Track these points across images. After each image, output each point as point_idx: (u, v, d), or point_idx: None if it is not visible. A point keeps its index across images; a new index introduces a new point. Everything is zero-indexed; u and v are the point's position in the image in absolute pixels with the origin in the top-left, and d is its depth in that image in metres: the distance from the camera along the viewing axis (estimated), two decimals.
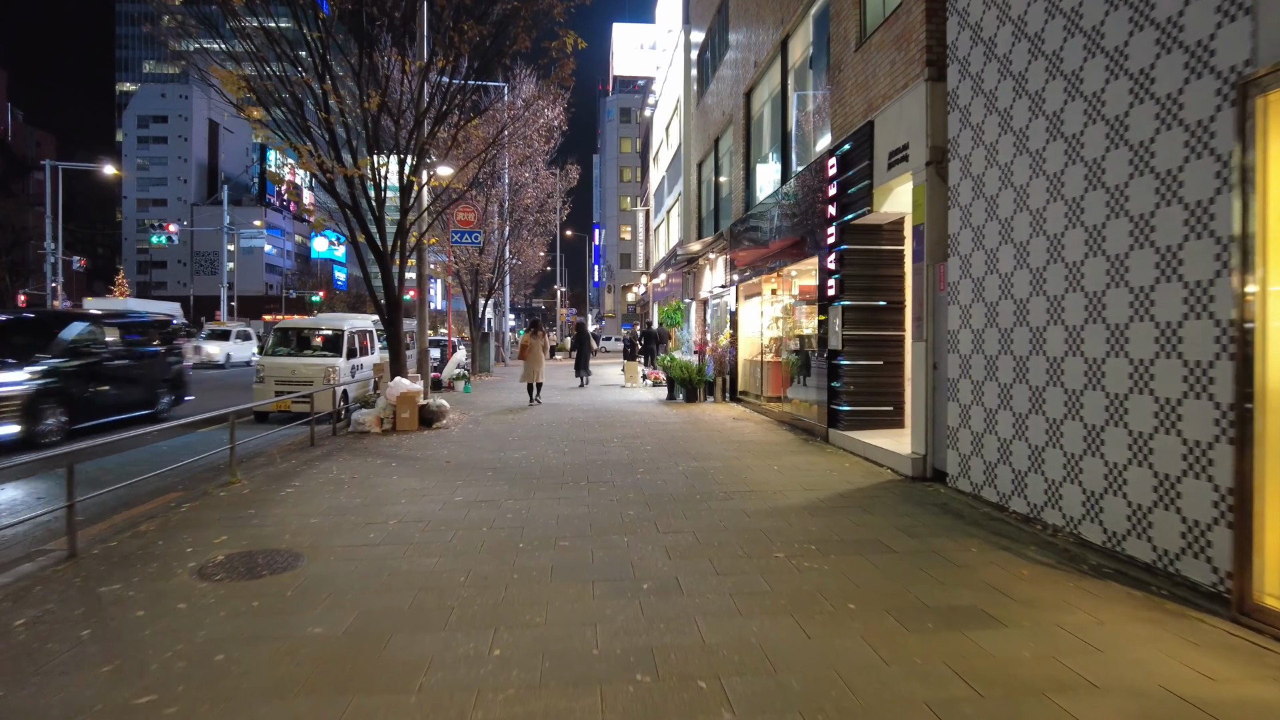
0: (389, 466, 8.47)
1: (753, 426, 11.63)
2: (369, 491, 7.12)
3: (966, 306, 6.73)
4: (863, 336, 9.48)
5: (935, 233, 7.43)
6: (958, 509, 6.26)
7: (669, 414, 13.42)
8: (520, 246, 26.52)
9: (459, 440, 10.46)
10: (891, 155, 8.24)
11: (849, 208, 9.35)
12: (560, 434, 10.93)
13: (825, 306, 9.98)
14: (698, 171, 21.47)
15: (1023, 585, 4.38)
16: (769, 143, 14.08)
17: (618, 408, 14.63)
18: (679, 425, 11.80)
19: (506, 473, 7.96)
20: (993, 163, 6.31)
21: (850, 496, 6.72)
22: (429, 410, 11.99)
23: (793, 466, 8.18)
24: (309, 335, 15.27)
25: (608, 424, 12.07)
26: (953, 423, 6.96)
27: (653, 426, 11.66)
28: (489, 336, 25.31)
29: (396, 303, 12.78)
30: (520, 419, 12.89)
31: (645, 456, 8.86)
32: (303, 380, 13.75)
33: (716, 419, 12.63)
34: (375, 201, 12.45)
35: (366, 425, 11.63)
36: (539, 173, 24.72)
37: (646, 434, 10.80)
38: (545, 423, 12.32)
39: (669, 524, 5.75)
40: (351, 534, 5.61)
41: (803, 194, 11.11)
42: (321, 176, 11.98)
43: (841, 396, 9.54)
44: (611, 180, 78.62)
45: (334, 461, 8.85)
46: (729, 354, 15.44)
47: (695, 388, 15.36)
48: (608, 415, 13.33)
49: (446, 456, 9.09)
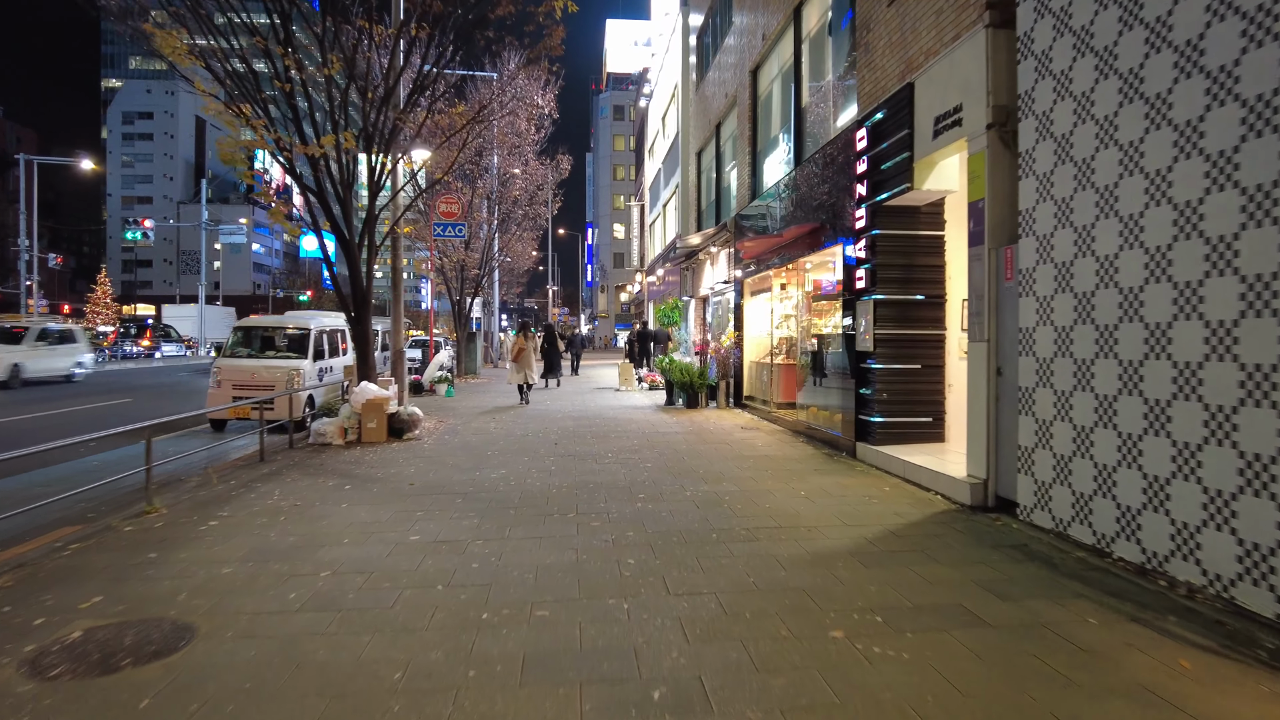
0: (341, 490, 7.11)
1: (764, 438, 10.31)
2: (308, 525, 5.78)
3: (1046, 299, 5.43)
4: (897, 336, 8.18)
5: (999, 210, 6.13)
6: (1044, 553, 4.95)
7: (669, 422, 12.09)
8: (508, 241, 25.14)
9: (430, 455, 9.11)
10: (938, 121, 6.94)
11: (882, 186, 8.05)
12: (547, 447, 9.60)
13: (851, 302, 8.68)
14: (697, 161, 20.16)
15: (1192, 688, 3.07)
16: (778, 123, 12.78)
17: (612, 415, 13.29)
18: (681, 436, 10.47)
19: (479, 499, 6.62)
20: (1086, 116, 5.01)
21: (904, 535, 5.41)
22: (399, 419, 10.63)
23: (822, 491, 6.86)
24: (272, 335, 13.89)
25: (601, 434, 10.74)
26: (1025, 441, 5.66)
27: (652, 438, 10.33)
28: (475, 336, 23.94)
29: (364, 298, 11.42)
30: (503, 427, 11.55)
31: (645, 477, 7.53)
32: (263, 384, 12.38)
33: (722, 428, 11.31)
34: (341, 184, 11.09)
35: (328, 436, 10.27)
36: (528, 162, 23.35)
37: (645, 447, 9.47)
38: (530, 433, 10.98)
39: (682, 580, 4.42)
40: (267, 593, 4.26)
41: (822, 175, 9.81)
42: (278, 155, 10.61)
43: (873, 406, 8.23)
44: (605, 178, 77.40)
45: (280, 483, 7.50)
46: (733, 356, 14.13)
47: (696, 392, 14.05)
48: (601, 424, 12.00)
49: (412, 476, 7.74)
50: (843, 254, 9.00)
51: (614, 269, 74.58)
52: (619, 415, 13.18)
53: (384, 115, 11.30)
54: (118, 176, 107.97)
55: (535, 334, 16.05)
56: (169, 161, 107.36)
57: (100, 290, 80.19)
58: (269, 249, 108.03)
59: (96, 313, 76.44)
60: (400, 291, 13.84)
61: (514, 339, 16.05)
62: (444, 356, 18.10)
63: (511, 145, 22.94)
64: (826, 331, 10.16)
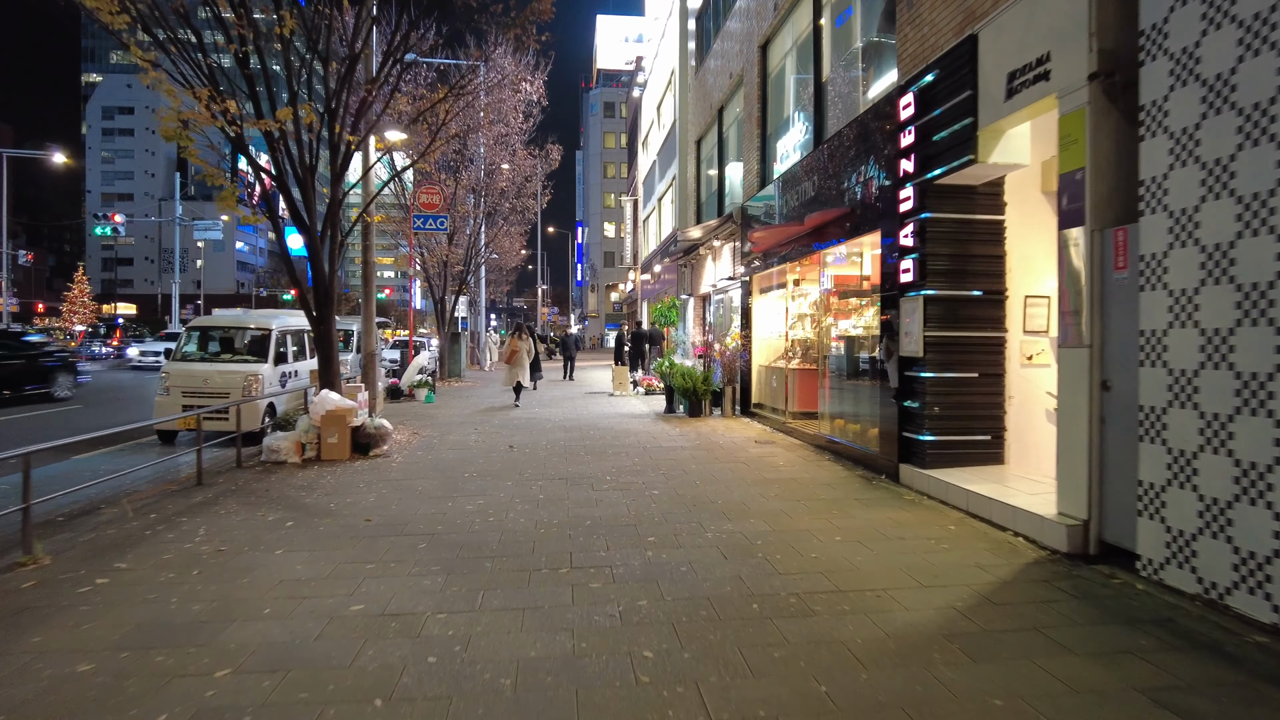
0: (282, 529, 5.76)
1: (784, 455, 9.01)
2: (226, 585, 4.44)
3: (1186, 293, 4.16)
4: (950, 339, 6.90)
5: (1105, 182, 4.85)
6: (1206, 636, 3.67)
7: (672, 434, 10.78)
8: (495, 235, 23.73)
9: (398, 477, 7.76)
10: (1013, 78, 5.67)
11: (934, 161, 6.77)
12: (534, 466, 8.27)
13: (893, 298, 7.40)
14: (696, 150, 18.87)
15: None
16: (793, 101, 11.49)
17: (608, 425, 11.96)
18: (688, 452, 9.16)
19: (448, 544, 5.28)
20: (1259, 43, 3.74)
21: (1003, 602, 4.11)
22: (364, 433, 9.27)
23: (874, 531, 5.56)
24: (230, 336, 12.48)
25: (597, 450, 9.41)
26: (1151, 476, 4.38)
27: (655, 454, 9.02)
28: (460, 337, 22.55)
29: (327, 294, 10.04)
30: (485, 440, 10.20)
31: (654, 509, 6.21)
32: (216, 391, 11.01)
33: (733, 442, 10.01)
34: (300, 165, 9.72)
35: (282, 454, 8.90)
36: (515, 152, 21.97)
37: (649, 467, 8.16)
38: (516, 447, 9.64)
39: (726, 692, 3.10)
40: (126, 711, 2.92)
41: (852, 153, 8.53)
42: (228, 129, 9.23)
43: (921, 421, 6.95)
44: (595, 176, 76.10)
45: (210, 516, 6.14)
46: (739, 359, 12.84)
47: (700, 399, 12.75)
48: (596, 436, 10.67)
49: (371, 508, 6.39)
50: (880, 243, 7.71)
51: (604, 268, 73.32)
52: (615, 425, 11.85)
53: (349, 86, 9.95)
54: (97, 173, 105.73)
55: (527, 336, 15.89)
56: (150, 158, 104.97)
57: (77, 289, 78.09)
58: (253, 247, 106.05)
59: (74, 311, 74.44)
60: (372, 288, 12.49)
61: (509, 340, 15.89)
62: (424, 359, 16.72)
63: (498, 134, 21.56)
64: (856, 333, 8.89)
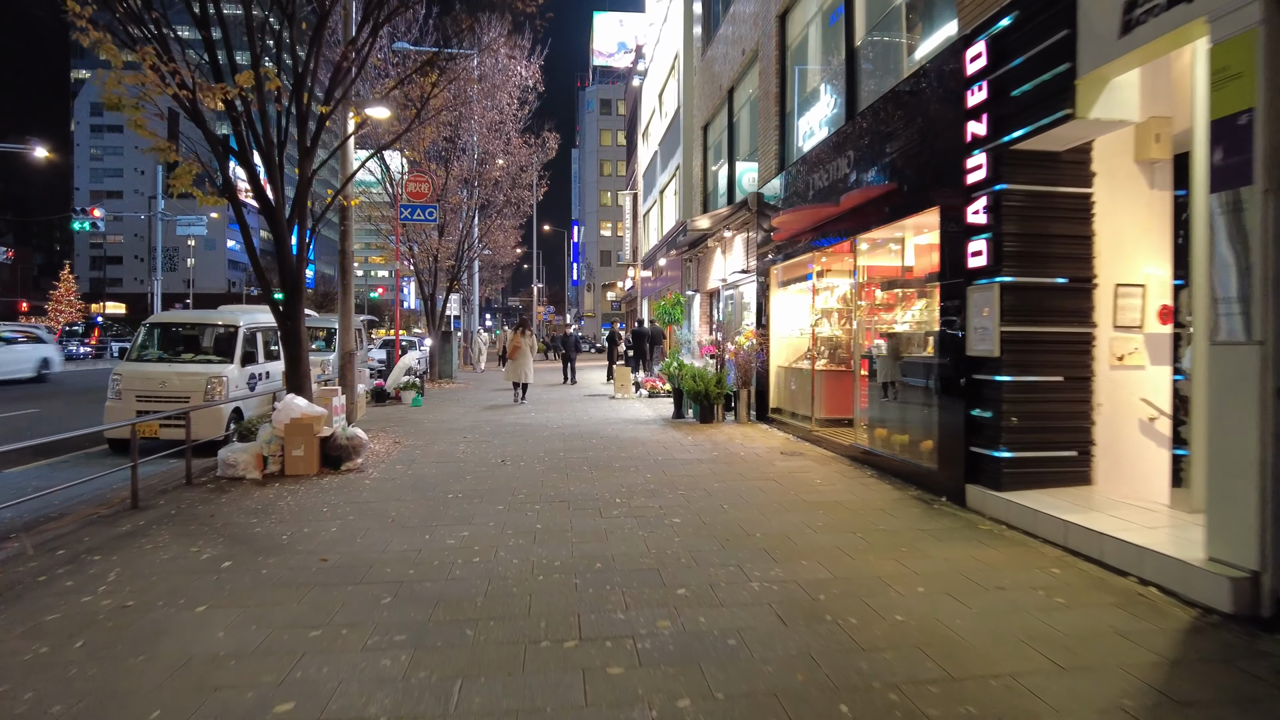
0: (214, 572, 4.58)
1: (818, 469, 7.85)
2: (110, 666, 3.27)
3: None
4: (1030, 336, 5.75)
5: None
6: None
7: (685, 444, 9.60)
8: (488, 227, 22.49)
9: (370, 499, 6.57)
10: (1134, 5, 4.51)
11: (1014, 120, 5.61)
12: (530, 484, 7.09)
13: (958, 287, 6.25)
14: (702, 136, 17.70)
15: None
16: (820, 72, 10.34)
17: (612, 432, 10.78)
18: (708, 466, 7.99)
19: (420, 597, 4.10)
20: None
21: (1186, 700, 2.95)
22: (335, 444, 8.07)
23: (962, 578, 4.39)
24: (193, 334, 11.28)
25: (602, 463, 8.23)
26: None
27: (669, 469, 7.84)
28: (452, 336, 21.33)
29: (295, 286, 8.85)
30: (474, 452, 9.01)
31: (678, 547, 5.03)
32: (175, 395, 9.83)
33: (756, 454, 8.84)
34: (265, 138, 8.52)
35: (240, 468, 7.70)
36: (510, 140, 20.77)
37: (665, 486, 6.98)
38: (509, 460, 8.46)
39: None
40: None
41: (897, 123, 7.37)
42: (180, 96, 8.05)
43: (995, 434, 5.80)
44: (591, 175, 74.96)
45: (130, 553, 4.97)
46: (756, 360, 11.67)
47: (713, 404, 11.57)
48: (600, 446, 9.49)
49: (330, 543, 5.20)
50: (940, 222, 6.55)
51: (601, 267, 72.25)
52: (620, 433, 10.67)
53: (318, 49, 8.76)
54: (85, 170, 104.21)
55: (529, 333, 15.75)
56: (140, 155, 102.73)
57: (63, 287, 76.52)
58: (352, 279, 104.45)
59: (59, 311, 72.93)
60: (349, 280, 11.29)
61: (511, 337, 16.12)
62: (410, 359, 15.51)
63: (491, 121, 20.36)
64: (902, 329, 7.74)
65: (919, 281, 7.73)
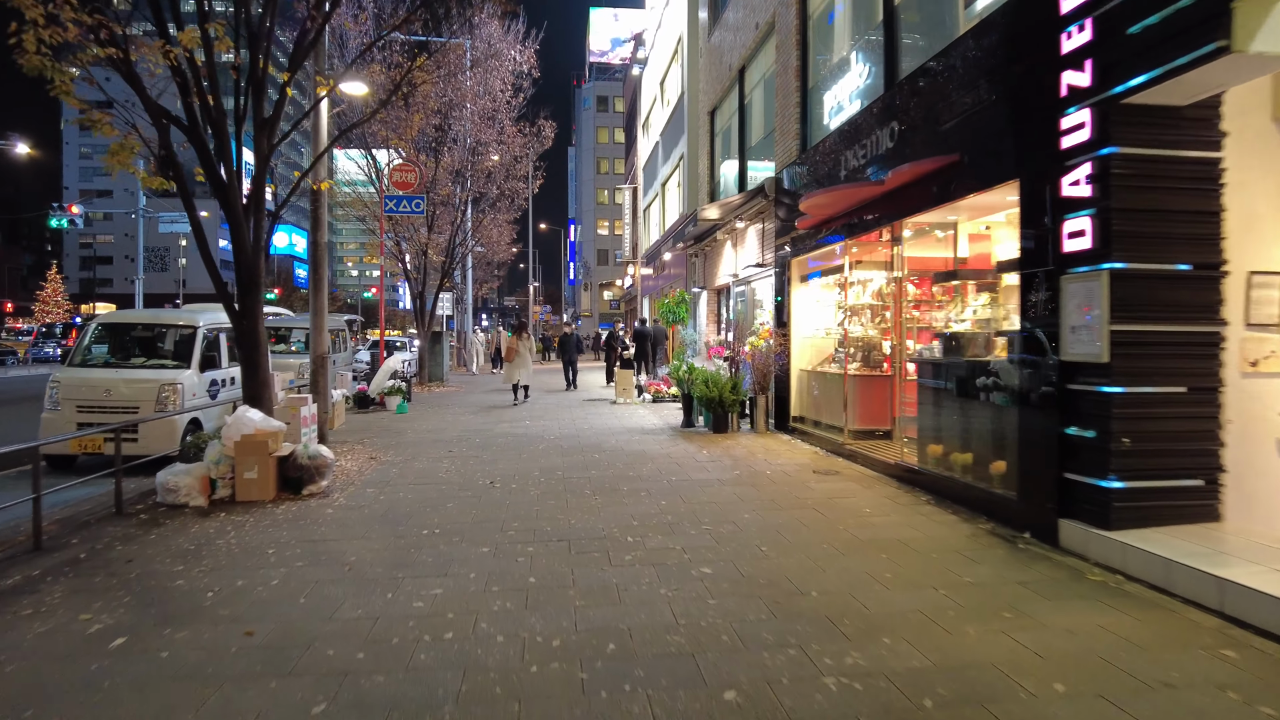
0: (94, 658, 3.41)
1: (862, 493, 6.69)
2: None
3: None
4: (1146, 337, 4.61)
5: None
6: None
7: (701, 459, 8.44)
8: (481, 220, 21.24)
9: (327, 535, 5.40)
10: None
11: (1130, 65, 4.44)
12: (522, 515, 5.92)
13: (1046, 277, 5.09)
14: (709, 122, 16.54)
15: None
16: (850, 40, 9.18)
17: (616, 444, 9.61)
18: (733, 489, 6.83)
19: (365, 700, 2.94)
20: None
21: None
22: (295, 465, 6.89)
23: (1114, 672, 3.22)
24: (146, 336, 10.10)
25: (607, 485, 7.06)
26: None
27: (689, 494, 6.67)
28: (442, 336, 20.12)
29: (251, 278, 7.67)
30: (459, 470, 7.83)
31: (715, 615, 3.86)
32: (122, 405, 8.65)
33: (784, 473, 7.68)
34: (215, 107, 7.34)
35: (182, 494, 6.52)
36: (503, 129, 19.57)
37: (686, 517, 5.81)
38: (499, 480, 7.29)
39: None
40: None
41: (956, 83, 6.22)
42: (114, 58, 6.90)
43: (1101, 458, 4.64)
44: (588, 173, 73.84)
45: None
46: (775, 362, 10.51)
47: (727, 411, 10.41)
48: (604, 462, 8.32)
49: (264, 603, 4.03)
50: (1022, 198, 5.39)
51: (598, 266, 71.18)
52: (625, 445, 9.50)
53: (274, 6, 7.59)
54: (75, 169, 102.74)
55: (528, 335, 15.79)
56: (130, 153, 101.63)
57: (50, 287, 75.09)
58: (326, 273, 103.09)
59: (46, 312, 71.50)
60: (322, 274, 10.11)
61: (509, 339, 16.15)
62: (395, 361, 14.32)
63: (484, 109, 19.17)
64: (963, 328, 6.59)
65: (975, 274, 6.59)
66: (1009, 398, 5.58)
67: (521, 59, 19.48)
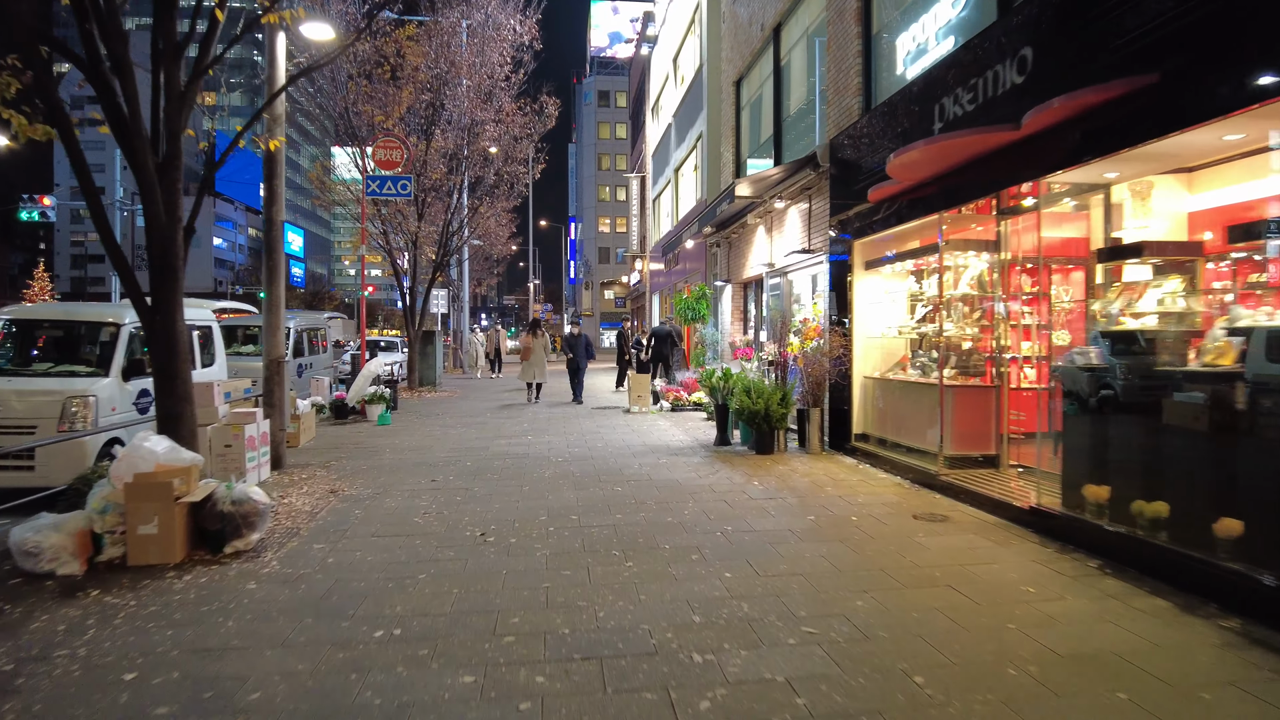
0: None
1: (998, 553, 4.80)
2: None
3: None
4: None
5: None
6: None
7: (755, 495, 6.57)
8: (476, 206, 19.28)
9: (233, 641, 3.52)
10: None
11: None
12: (525, 602, 4.02)
13: None
14: (734, 93, 14.64)
15: None
16: None
17: (641, 470, 7.74)
18: (819, 550, 4.94)
19: None
20: None
21: None
22: (212, 514, 5.00)
23: None
24: (59, 336, 8.22)
25: (639, 542, 5.17)
26: None
27: (758, 557, 4.79)
28: (435, 336, 18.23)
29: (166, 260, 5.80)
30: (442, 511, 5.94)
31: None
32: (17, 423, 6.81)
33: (873, 517, 5.80)
34: (110, 25, 5.46)
35: (46, 559, 4.65)
36: (502, 108, 17.66)
37: (769, 607, 3.93)
38: (497, 525, 5.41)
39: None
40: None
41: None
42: None
43: None
44: (589, 169, 72.08)
45: None
46: (833, 368, 8.63)
47: (775, 428, 8.54)
48: (630, 500, 6.44)
49: None
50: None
51: (599, 264, 69.42)
52: (653, 472, 7.62)
53: None
54: (65, 165, 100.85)
55: (542, 333, 15.74)
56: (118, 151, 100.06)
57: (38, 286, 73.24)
58: (232, 243, 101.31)
59: None
60: (278, 260, 8.24)
61: (524, 338, 16.23)
62: (377, 365, 12.44)
63: (480, 83, 17.27)
64: (1148, 323, 4.72)
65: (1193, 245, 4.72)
66: (1245, 426, 3.71)
67: (522, 29, 17.57)
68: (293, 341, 13.10)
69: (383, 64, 16.08)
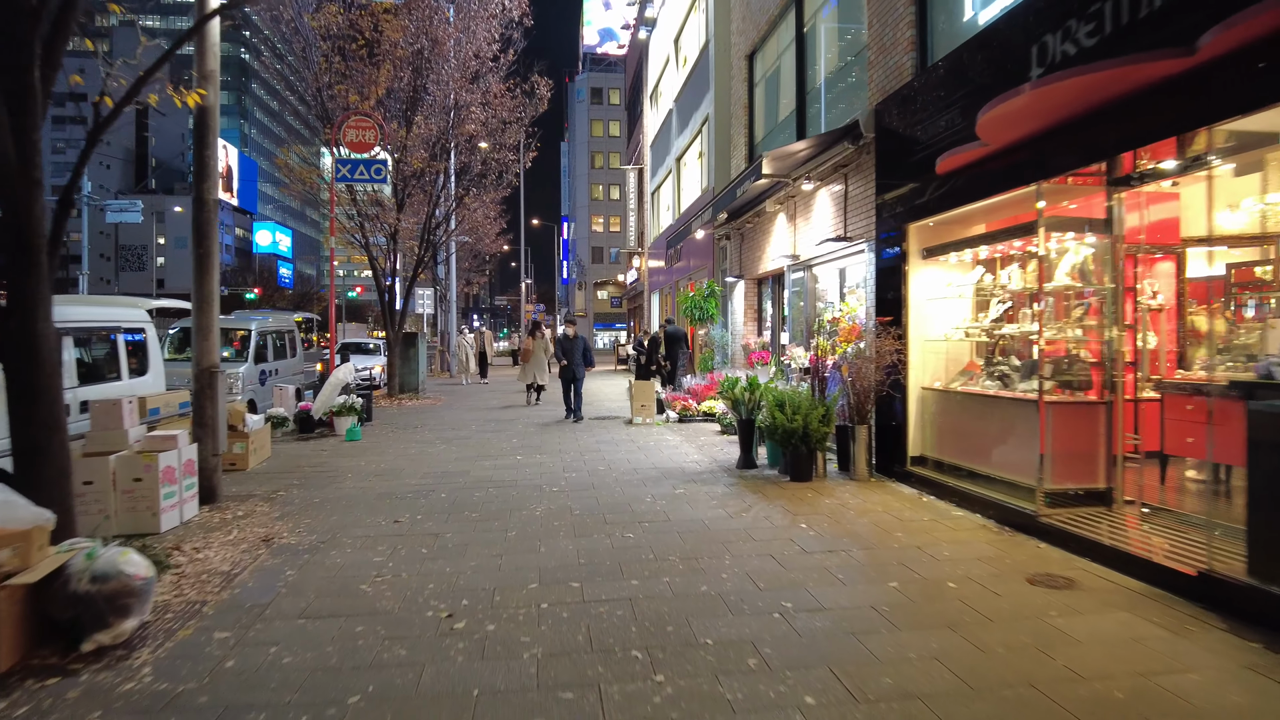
0: None
1: (1182, 649, 3.38)
2: None
3: None
4: None
5: None
6: None
7: (809, 545, 5.13)
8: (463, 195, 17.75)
9: None
10: None
11: None
12: None
13: None
14: (747, 68, 13.20)
15: None
16: None
17: (653, 507, 6.29)
18: (921, 649, 3.51)
19: None
20: None
21: None
22: (65, 597, 3.52)
23: None
24: None
25: (668, 634, 3.73)
26: None
27: (841, 662, 3.35)
28: (417, 338, 16.72)
29: (23, 238, 4.34)
30: (402, 569, 4.47)
31: None
32: None
33: (974, 581, 4.38)
34: None
35: None
36: (489, 90, 16.16)
37: None
38: (469, 601, 3.95)
39: None
40: None
41: None
42: None
43: None
44: (582, 167, 70.69)
45: None
46: (884, 376, 7.19)
47: (814, 450, 7.10)
48: (646, 561, 4.99)
49: None
50: None
51: (593, 264, 68.03)
52: (671, 509, 6.18)
53: None
54: (48, 164, 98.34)
55: (543, 335, 15.57)
56: (105, 148, 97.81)
57: None
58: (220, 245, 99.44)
59: None
60: (208, 250, 6.75)
61: (525, 340, 16.01)
62: (346, 372, 10.94)
63: (466, 60, 15.79)
64: None
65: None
66: None
67: (511, 4, 16.09)
68: (254, 345, 11.62)
69: (357, 38, 14.63)
